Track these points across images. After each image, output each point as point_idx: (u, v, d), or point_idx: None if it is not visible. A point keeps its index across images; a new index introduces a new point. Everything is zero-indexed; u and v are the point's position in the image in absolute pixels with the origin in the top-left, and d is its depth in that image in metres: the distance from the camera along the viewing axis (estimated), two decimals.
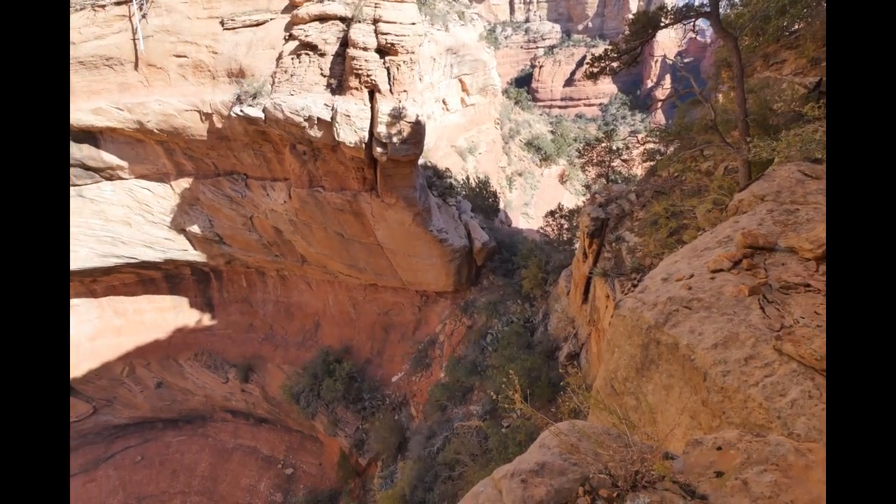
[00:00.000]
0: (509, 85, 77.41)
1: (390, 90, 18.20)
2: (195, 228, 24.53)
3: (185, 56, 19.48)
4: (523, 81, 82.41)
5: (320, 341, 28.16)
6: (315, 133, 18.28)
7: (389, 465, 21.47)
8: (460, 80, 35.21)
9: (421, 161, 24.34)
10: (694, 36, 78.21)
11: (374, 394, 24.84)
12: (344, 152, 18.86)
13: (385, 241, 21.96)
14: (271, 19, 19.34)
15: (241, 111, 18.58)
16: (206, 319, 30.30)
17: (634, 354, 3.73)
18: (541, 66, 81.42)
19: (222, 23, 19.32)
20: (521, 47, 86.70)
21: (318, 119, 17.94)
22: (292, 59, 18.64)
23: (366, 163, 19.21)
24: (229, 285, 30.04)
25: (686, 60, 78.56)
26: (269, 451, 31.42)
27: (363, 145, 18.22)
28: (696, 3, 10.70)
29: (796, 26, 13.55)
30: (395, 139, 18.00)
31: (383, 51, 17.84)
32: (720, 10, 10.39)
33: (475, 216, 25.83)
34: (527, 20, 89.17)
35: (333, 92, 18.42)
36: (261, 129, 19.47)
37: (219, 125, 20.00)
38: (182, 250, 25.65)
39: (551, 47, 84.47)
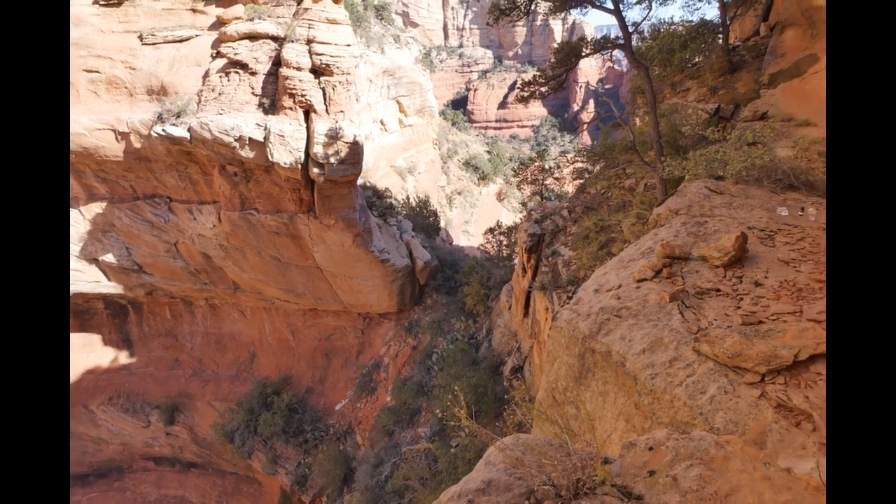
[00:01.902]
0: (446, 107, 79.48)
1: (326, 110, 17.98)
2: (110, 257, 22.38)
3: (97, 71, 18.03)
4: (459, 104, 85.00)
5: (256, 373, 26.46)
6: (247, 153, 17.54)
7: (335, 499, 20.39)
8: (398, 102, 35.61)
9: (360, 181, 24.12)
10: (612, 65, 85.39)
11: (316, 425, 23.63)
12: (279, 173, 18.24)
13: (324, 263, 21.33)
14: (197, 35, 18.51)
15: (164, 130, 17.44)
16: (124, 357, 27.45)
17: (572, 364, 3.87)
18: (475, 90, 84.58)
19: (141, 38, 18.18)
20: (456, 71, 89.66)
21: (250, 139, 17.26)
22: (220, 77, 17.89)
23: (302, 184, 18.68)
24: (150, 318, 27.53)
25: (607, 87, 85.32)
26: (200, 499, 28.64)
27: (299, 166, 17.74)
28: (613, 36, 11.71)
29: (697, 59, 15.29)
30: (332, 159, 17.72)
31: (318, 71, 17.66)
32: (633, 42, 11.45)
33: (416, 235, 25.89)
34: (460, 45, 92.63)
35: (266, 111, 17.86)
36: (186, 149, 18.35)
37: (137, 145, 18.59)
38: (94, 282, 23.24)
39: (485, 72, 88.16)
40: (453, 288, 24.33)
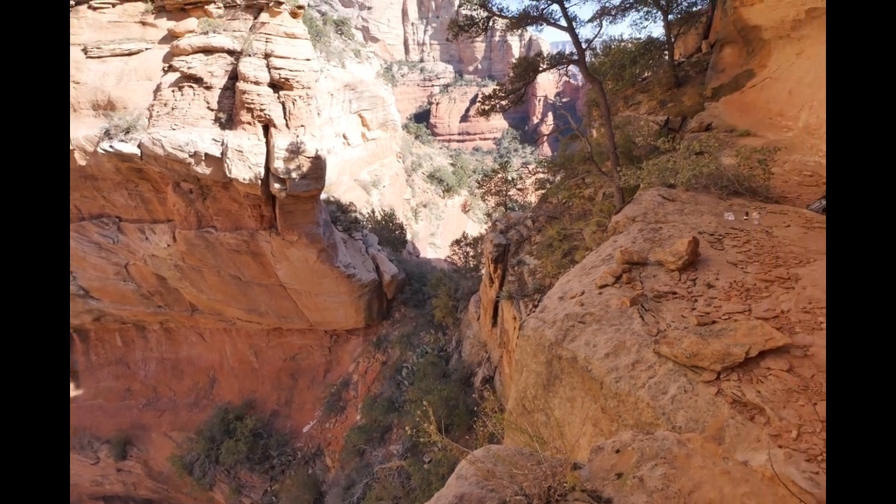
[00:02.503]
0: (409, 120, 79.97)
1: (287, 125, 17.67)
2: None
3: None
4: (422, 117, 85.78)
5: (217, 398, 25.21)
6: (203, 170, 16.94)
7: None
8: (360, 116, 35.52)
9: (323, 196, 23.75)
10: (568, 79, 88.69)
11: (283, 449, 22.70)
12: (237, 189, 17.70)
13: (288, 280, 20.75)
14: (147, 49, 17.84)
15: (111, 147, 16.60)
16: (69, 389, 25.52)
17: (540, 372, 3.91)
18: (437, 103, 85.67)
19: (85, 50, 17.34)
20: (418, 85, 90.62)
21: (207, 154, 16.69)
22: (173, 91, 17.28)
23: (263, 199, 18.19)
24: (99, 346, 25.81)
25: (564, 100, 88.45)
26: None
27: (259, 181, 17.29)
28: (567, 52, 12.21)
29: (646, 74, 16.14)
30: (294, 174, 17.38)
31: (277, 85, 17.38)
32: (586, 58, 11.96)
33: (383, 249, 25.68)
34: (421, 60, 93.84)
35: (223, 126, 17.36)
36: (137, 166, 17.52)
37: (82, 163, 17.59)
38: None
39: (446, 86, 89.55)
40: (421, 301, 24.21)
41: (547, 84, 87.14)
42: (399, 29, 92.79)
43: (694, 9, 14.49)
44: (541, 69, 12.26)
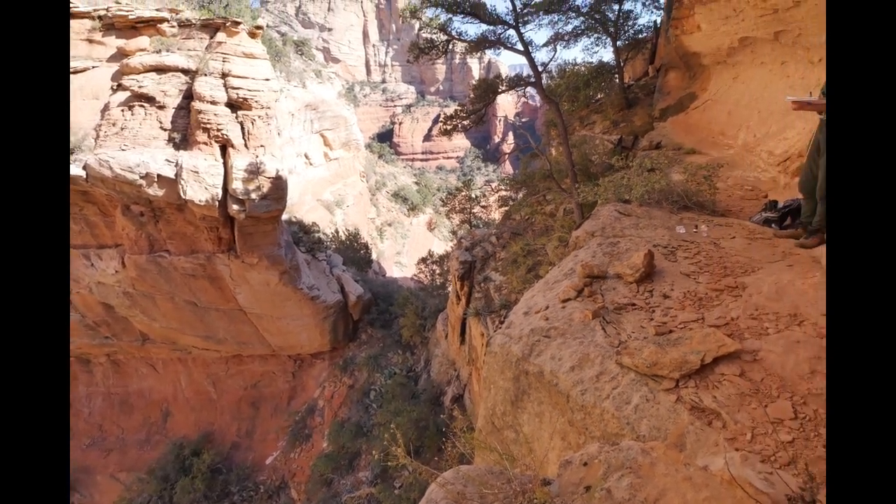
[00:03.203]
0: (372, 140, 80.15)
1: (245, 145, 17.29)
2: None
3: None
4: (385, 137, 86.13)
5: (171, 433, 23.65)
6: (155, 191, 16.23)
7: None
8: (322, 135, 35.28)
9: (285, 217, 23.24)
10: (526, 100, 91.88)
11: (244, 484, 21.45)
12: (193, 211, 17.03)
13: (248, 305, 19.99)
14: (93, 67, 17.11)
15: None
16: None
17: (508, 388, 3.92)
18: (400, 123, 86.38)
19: None
20: (381, 105, 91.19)
21: (160, 176, 16.03)
22: (123, 111, 16.59)
23: (220, 221, 17.58)
24: None
25: (523, 120, 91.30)
26: None
27: (216, 203, 16.73)
28: (525, 74, 12.70)
29: (599, 96, 16.96)
30: (253, 195, 16.94)
31: (235, 105, 17.05)
32: (543, 80, 12.47)
33: (347, 269, 25.27)
34: (383, 81, 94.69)
35: (177, 146, 16.77)
36: (82, 188, 16.57)
37: None
38: None
39: (408, 106, 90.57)
40: (388, 321, 23.89)
41: (507, 104, 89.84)
42: (360, 50, 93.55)
43: (640, 36, 15.45)
44: (500, 91, 12.68)
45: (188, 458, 21.69)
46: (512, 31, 11.76)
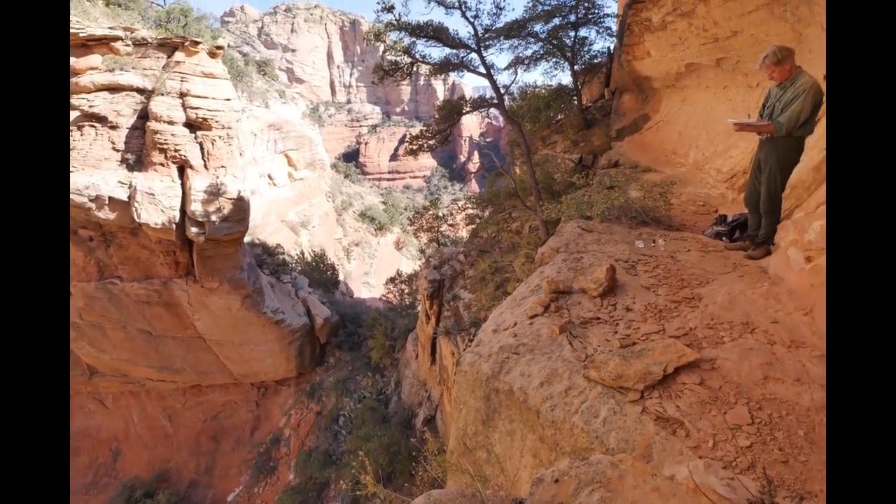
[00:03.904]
0: (338, 160, 79.73)
1: (205, 165, 16.79)
2: None
3: None
4: (351, 157, 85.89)
5: (122, 474, 21.98)
6: (106, 214, 15.44)
7: None
8: (286, 156, 34.78)
9: (248, 238, 22.58)
10: (490, 120, 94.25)
11: None
12: (148, 235, 16.28)
13: (208, 331, 19.10)
14: None
15: None
16: None
17: (479, 407, 3.89)
18: (366, 143, 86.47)
19: None
20: (346, 125, 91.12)
21: (111, 198, 15.28)
22: (72, 130, 15.80)
23: (178, 245, 16.86)
24: None
25: (488, 139, 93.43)
26: None
27: (173, 226, 16.06)
28: (488, 96, 13.04)
29: (559, 117, 17.62)
30: (214, 217, 16.39)
31: (194, 125, 16.59)
32: (506, 102, 12.84)
33: (314, 291, 24.68)
34: (349, 101, 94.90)
35: (131, 168, 16.08)
36: None
37: None
38: None
39: (374, 126, 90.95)
40: (357, 343, 23.37)
41: (471, 125, 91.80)
42: (325, 71, 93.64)
43: (595, 61, 16.26)
44: (464, 111, 12.95)
45: (140, 501, 20.16)
46: (475, 55, 12.11)
